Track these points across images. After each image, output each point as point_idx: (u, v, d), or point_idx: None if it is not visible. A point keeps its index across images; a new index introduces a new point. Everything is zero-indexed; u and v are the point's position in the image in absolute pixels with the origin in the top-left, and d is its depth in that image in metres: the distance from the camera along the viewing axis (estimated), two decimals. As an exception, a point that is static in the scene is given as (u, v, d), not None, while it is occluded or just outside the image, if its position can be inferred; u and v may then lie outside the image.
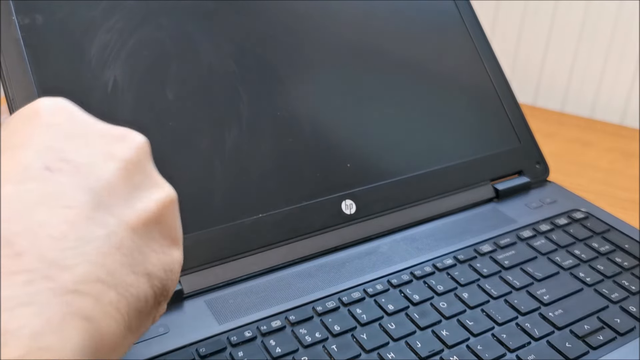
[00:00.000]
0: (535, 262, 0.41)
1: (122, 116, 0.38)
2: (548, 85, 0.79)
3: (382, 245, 0.42)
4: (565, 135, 0.70)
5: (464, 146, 0.49)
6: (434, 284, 0.39)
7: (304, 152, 0.43)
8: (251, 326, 0.35)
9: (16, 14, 0.38)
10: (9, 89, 0.36)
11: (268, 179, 0.41)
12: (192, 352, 0.33)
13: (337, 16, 0.48)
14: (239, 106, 0.42)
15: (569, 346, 0.35)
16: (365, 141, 0.45)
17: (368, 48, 0.48)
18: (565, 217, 0.47)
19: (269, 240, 0.40)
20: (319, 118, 0.44)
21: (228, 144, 0.41)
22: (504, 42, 0.80)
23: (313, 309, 0.36)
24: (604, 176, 0.61)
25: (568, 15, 0.75)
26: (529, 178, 0.50)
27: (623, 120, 0.75)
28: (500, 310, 0.37)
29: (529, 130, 0.52)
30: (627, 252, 0.43)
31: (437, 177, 0.47)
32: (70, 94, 0.38)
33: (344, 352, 0.33)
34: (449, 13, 0.53)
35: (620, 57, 0.73)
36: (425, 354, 0.34)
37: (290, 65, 0.45)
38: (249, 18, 0.45)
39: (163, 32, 0.41)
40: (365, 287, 0.38)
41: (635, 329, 0.36)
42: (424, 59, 0.51)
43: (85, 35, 0.39)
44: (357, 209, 0.43)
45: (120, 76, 0.39)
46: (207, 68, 0.42)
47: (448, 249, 0.42)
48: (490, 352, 0.34)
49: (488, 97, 0.52)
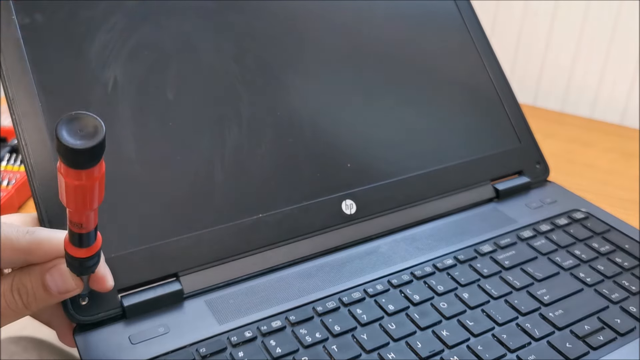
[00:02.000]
0: (536, 263, 0.41)
1: (122, 116, 0.38)
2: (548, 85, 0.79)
3: (382, 245, 0.42)
4: (565, 135, 0.70)
5: (464, 146, 0.49)
6: (434, 284, 0.39)
7: (304, 152, 0.43)
8: (251, 326, 0.35)
9: (16, 14, 0.38)
10: (9, 89, 0.36)
11: (268, 179, 0.41)
12: (192, 352, 0.33)
13: (337, 16, 0.48)
14: (239, 106, 0.42)
15: (569, 346, 0.35)
16: (365, 141, 0.45)
17: (368, 48, 0.48)
18: (566, 217, 0.47)
19: (269, 240, 0.40)
20: (319, 118, 0.44)
21: (228, 144, 0.41)
22: (504, 42, 0.80)
23: (313, 309, 0.36)
24: (604, 176, 0.61)
25: (568, 15, 0.75)
26: (529, 178, 0.50)
27: (623, 120, 0.75)
28: (501, 311, 0.37)
29: (529, 130, 0.52)
30: (627, 252, 0.43)
31: (437, 177, 0.47)
32: (70, 94, 0.38)
33: (344, 352, 0.33)
34: (449, 13, 0.53)
35: (620, 57, 0.73)
36: (426, 354, 0.33)
37: (290, 66, 0.45)
38: (249, 18, 0.44)
39: (163, 32, 0.41)
40: (365, 287, 0.38)
41: (635, 329, 0.36)
42: (424, 59, 0.51)
43: (85, 35, 0.39)
44: (357, 209, 0.43)
45: (120, 76, 0.39)
46: (207, 68, 0.42)
47: (448, 249, 0.42)
48: (491, 353, 0.34)
49: (488, 97, 0.52)
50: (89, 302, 0.34)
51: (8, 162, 0.56)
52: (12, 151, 0.58)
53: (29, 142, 0.36)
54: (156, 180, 0.38)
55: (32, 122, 0.36)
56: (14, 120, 0.36)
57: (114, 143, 0.38)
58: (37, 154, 0.36)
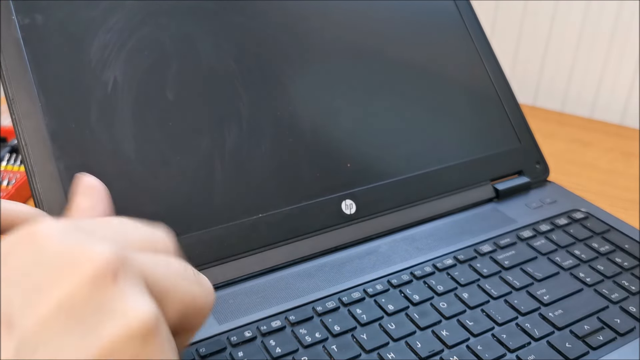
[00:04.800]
0: (535, 262, 0.41)
1: (122, 116, 0.38)
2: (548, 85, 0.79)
3: (382, 245, 0.42)
4: (565, 135, 0.70)
5: (464, 146, 0.49)
6: (434, 284, 0.39)
7: (304, 152, 0.43)
8: (251, 326, 0.35)
9: (16, 14, 0.38)
10: (9, 89, 0.36)
11: (268, 178, 0.41)
12: (192, 352, 0.33)
13: (337, 16, 0.48)
14: (239, 106, 0.42)
15: (569, 346, 0.35)
16: (365, 141, 0.45)
17: (368, 48, 0.48)
18: (565, 217, 0.47)
19: (269, 240, 0.40)
20: (319, 118, 0.44)
21: (228, 144, 0.41)
22: (504, 42, 0.80)
23: (313, 309, 0.36)
24: (604, 176, 0.61)
25: (568, 16, 0.75)
26: (529, 178, 0.50)
27: (623, 120, 0.75)
28: (500, 311, 0.37)
29: (529, 130, 0.52)
30: (627, 252, 0.43)
31: (437, 177, 0.47)
32: (70, 94, 0.38)
33: (344, 352, 0.33)
34: (449, 13, 0.53)
35: (620, 57, 0.73)
36: (425, 354, 0.33)
37: (290, 65, 0.45)
38: (249, 18, 0.44)
39: (163, 32, 0.41)
40: (365, 287, 0.38)
41: (635, 329, 0.36)
42: (424, 59, 0.51)
43: (85, 35, 0.39)
44: (357, 209, 0.43)
45: (120, 76, 0.39)
46: (207, 68, 0.42)
47: (448, 249, 0.42)
48: (490, 353, 0.34)
49: (488, 97, 0.52)
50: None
51: (8, 162, 0.56)
52: (12, 151, 0.58)
53: (29, 142, 0.36)
54: (156, 180, 0.38)
55: (32, 122, 0.36)
56: (14, 120, 0.36)
57: (114, 143, 0.38)
58: (37, 154, 0.36)
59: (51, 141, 0.36)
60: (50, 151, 0.36)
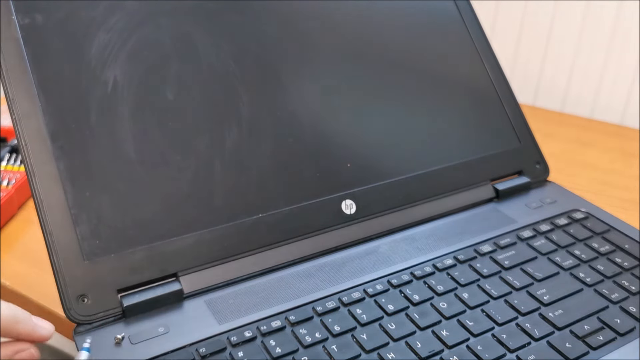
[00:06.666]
0: (535, 263, 0.41)
1: (122, 116, 0.38)
2: (548, 85, 0.79)
3: (382, 245, 0.42)
4: (565, 135, 0.70)
5: (464, 146, 0.49)
6: (434, 284, 0.39)
7: (304, 152, 0.43)
8: (251, 326, 0.35)
9: (16, 14, 0.38)
10: (9, 89, 0.36)
11: (268, 179, 0.41)
12: (192, 352, 0.33)
13: (337, 16, 0.48)
14: (239, 106, 0.42)
15: (569, 346, 0.35)
16: (365, 141, 0.45)
17: (368, 48, 0.48)
18: (565, 217, 0.47)
19: (269, 240, 0.40)
20: (319, 118, 0.44)
21: (228, 144, 0.41)
22: (504, 42, 0.80)
23: (313, 309, 0.36)
24: (604, 176, 0.61)
25: (568, 15, 0.75)
26: (529, 178, 0.50)
27: (623, 120, 0.75)
28: (500, 311, 0.37)
29: (529, 130, 0.52)
30: (627, 252, 0.43)
31: (437, 177, 0.47)
32: (70, 94, 0.38)
33: (344, 352, 0.33)
34: (449, 13, 0.53)
35: (620, 57, 0.73)
36: (425, 354, 0.33)
37: (290, 65, 0.45)
38: (249, 18, 0.44)
39: (163, 32, 0.41)
40: (365, 287, 0.38)
41: (635, 329, 0.36)
42: (424, 59, 0.51)
43: (85, 35, 0.39)
44: (357, 209, 0.43)
45: (120, 76, 0.39)
46: (207, 68, 0.42)
47: (448, 249, 0.42)
48: (490, 353, 0.34)
49: (488, 97, 0.52)
50: (89, 302, 0.34)
51: (8, 162, 0.56)
52: (12, 151, 0.58)
53: (29, 142, 0.36)
54: (156, 180, 0.38)
55: (32, 122, 0.36)
56: (14, 120, 0.36)
57: (114, 143, 0.38)
58: (37, 154, 0.36)
59: (51, 141, 0.36)
60: (50, 151, 0.36)
